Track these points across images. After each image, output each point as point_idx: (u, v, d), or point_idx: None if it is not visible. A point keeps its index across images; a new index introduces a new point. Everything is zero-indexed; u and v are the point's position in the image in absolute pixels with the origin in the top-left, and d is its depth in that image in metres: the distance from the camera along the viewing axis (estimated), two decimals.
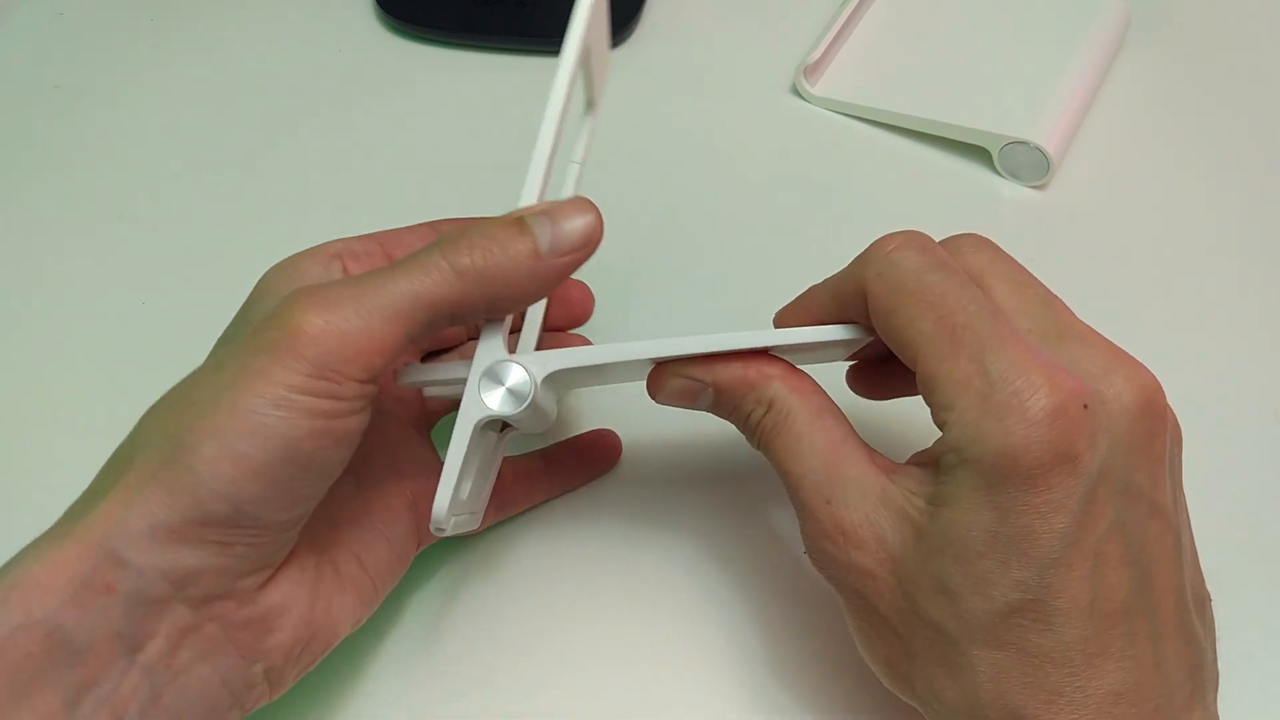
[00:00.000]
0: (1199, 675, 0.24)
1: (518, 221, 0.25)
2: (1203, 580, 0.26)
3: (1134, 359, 0.24)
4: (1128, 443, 0.23)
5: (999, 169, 0.44)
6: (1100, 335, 0.25)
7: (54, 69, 0.47)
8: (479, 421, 0.26)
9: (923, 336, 0.24)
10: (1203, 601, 0.26)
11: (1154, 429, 0.24)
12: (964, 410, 0.23)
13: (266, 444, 0.22)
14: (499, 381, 0.26)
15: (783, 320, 0.29)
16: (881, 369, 0.30)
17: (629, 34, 0.49)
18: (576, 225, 0.25)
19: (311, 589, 0.26)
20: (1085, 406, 0.22)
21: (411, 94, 0.46)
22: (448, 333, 0.33)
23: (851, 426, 0.26)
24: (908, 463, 0.26)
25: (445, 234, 0.25)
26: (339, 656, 0.29)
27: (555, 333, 0.35)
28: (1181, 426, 0.25)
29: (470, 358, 0.26)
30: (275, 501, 0.23)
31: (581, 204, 0.26)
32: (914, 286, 0.24)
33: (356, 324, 0.23)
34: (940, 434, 0.24)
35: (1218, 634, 0.26)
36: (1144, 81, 0.47)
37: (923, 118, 0.44)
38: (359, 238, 0.29)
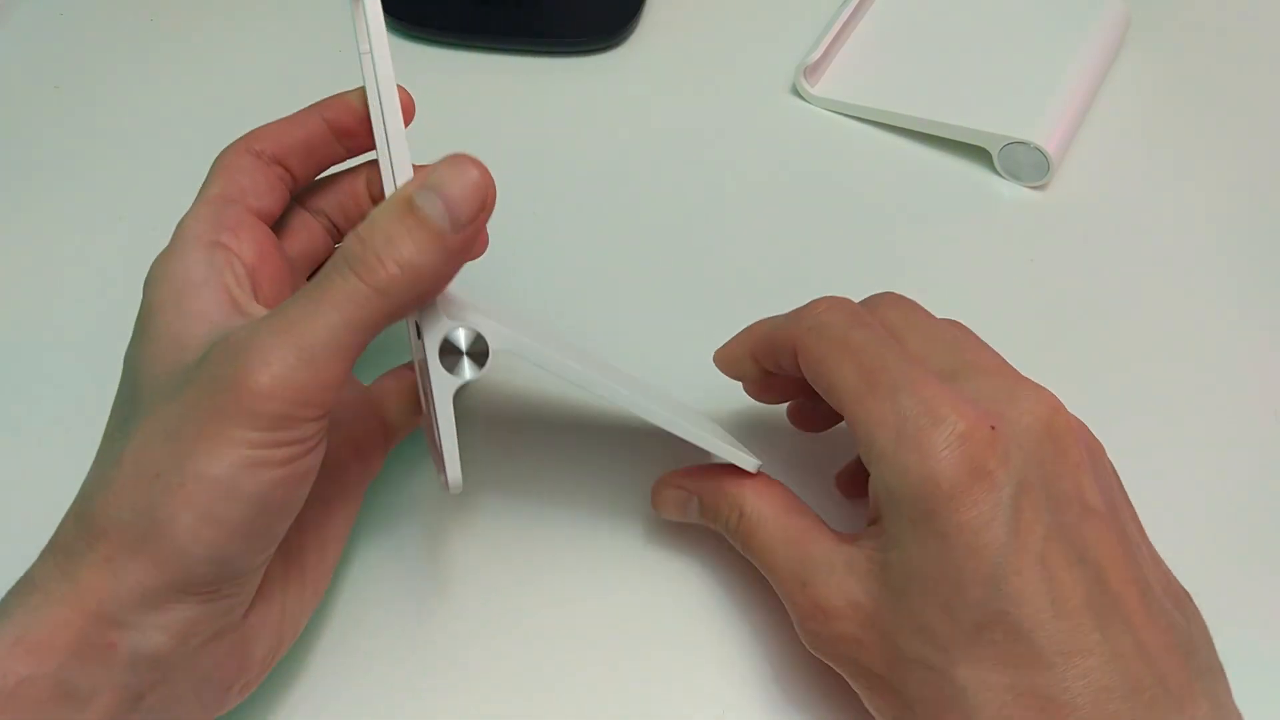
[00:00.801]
0: (1192, 662, 0.24)
1: (407, 206, 0.24)
2: (1172, 577, 0.27)
3: (1034, 384, 0.26)
4: (1040, 457, 0.25)
5: (999, 169, 0.44)
6: (1005, 365, 0.27)
7: (54, 69, 0.47)
8: (455, 391, 0.26)
9: (846, 383, 0.26)
10: (1179, 597, 0.26)
11: (1062, 443, 0.25)
12: (883, 446, 0.25)
13: (239, 504, 0.23)
14: (457, 351, 0.26)
15: (722, 357, 0.31)
16: (814, 407, 0.33)
17: (629, 34, 0.49)
18: (466, 190, 0.24)
19: (281, 601, 0.27)
20: (992, 428, 0.24)
21: (411, 94, 0.46)
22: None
23: (817, 517, 0.29)
24: (864, 528, 0.27)
25: (345, 250, 0.24)
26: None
27: None
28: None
29: None
30: (253, 549, 0.24)
31: (459, 162, 0.24)
32: (839, 340, 0.27)
33: (304, 370, 0.23)
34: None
35: (1218, 632, 0.26)
36: (1144, 81, 0.47)
37: (923, 118, 0.44)
38: (212, 208, 0.29)
